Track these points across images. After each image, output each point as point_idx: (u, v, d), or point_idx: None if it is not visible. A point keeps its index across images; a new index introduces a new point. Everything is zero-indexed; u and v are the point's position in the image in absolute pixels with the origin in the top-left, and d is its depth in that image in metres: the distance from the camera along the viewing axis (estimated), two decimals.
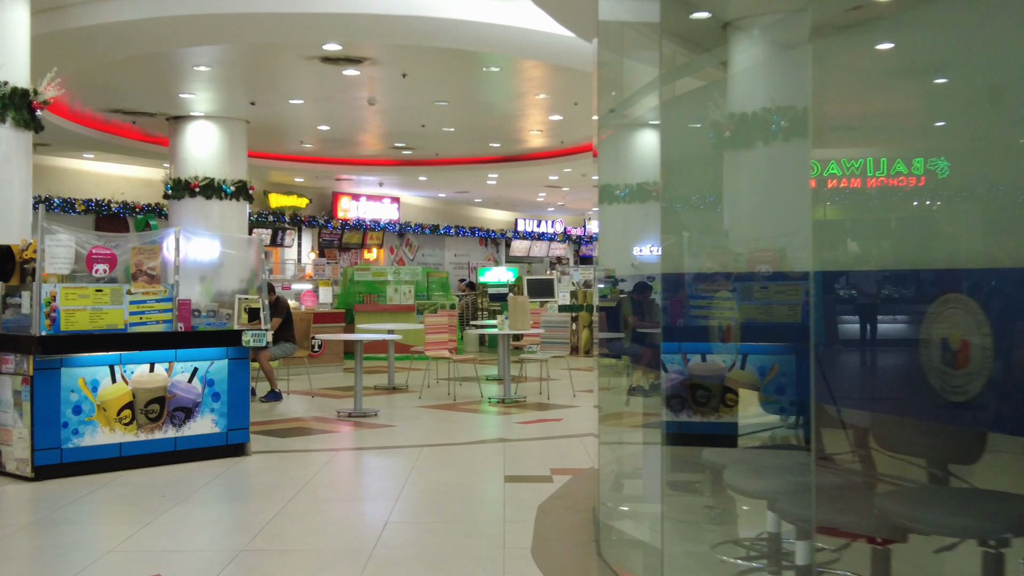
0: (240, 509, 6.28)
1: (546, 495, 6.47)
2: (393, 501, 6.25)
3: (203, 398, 7.56)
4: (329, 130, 17.01)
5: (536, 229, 34.14)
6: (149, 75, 12.56)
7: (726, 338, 3.71)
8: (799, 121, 3.69)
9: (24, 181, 8.52)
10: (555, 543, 5.37)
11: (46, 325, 6.80)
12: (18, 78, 8.44)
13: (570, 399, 11.51)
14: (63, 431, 6.91)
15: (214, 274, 9.17)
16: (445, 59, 11.56)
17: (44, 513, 6.03)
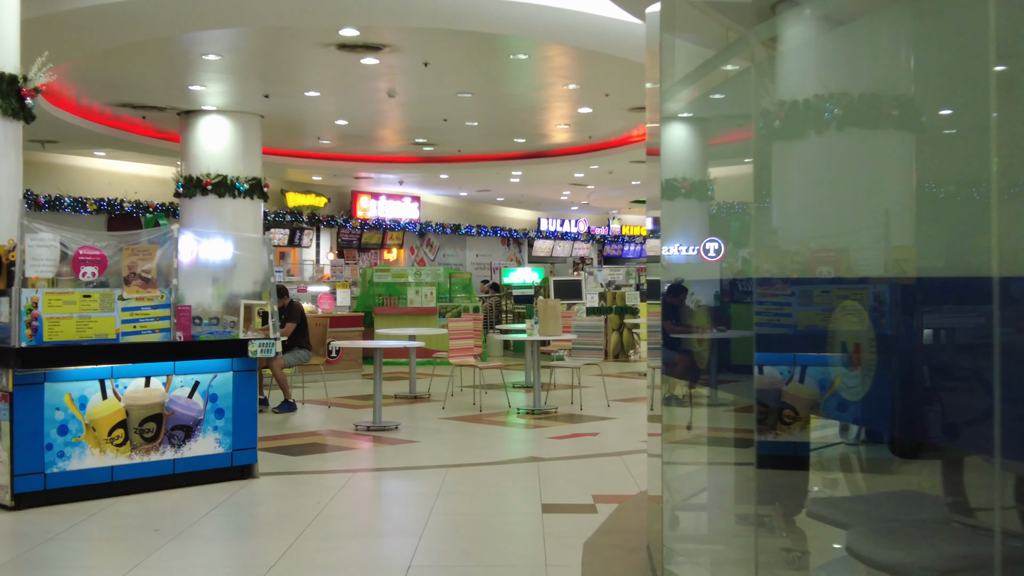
0: (241, 548, 5.48)
1: (590, 529, 5.65)
2: (416, 538, 5.44)
3: (205, 415, 6.78)
4: (347, 125, 16.24)
5: (559, 228, 33.31)
6: (157, 65, 11.82)
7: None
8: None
9: (13, 175, 7.76)
10: None
11: (27, 335, 6.03)
12: (5, 63, 7.68)
13: (605, 410, 10.69)
14: (47, 454, 6.14)
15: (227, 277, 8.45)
16: (469, 46, 10.76)
17: (20, 551, 5.28)
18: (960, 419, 2.45)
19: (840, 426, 4.02)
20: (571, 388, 12.11)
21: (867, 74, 3.22)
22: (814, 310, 3.31)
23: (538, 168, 21.05)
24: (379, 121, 16.13)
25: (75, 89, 13.49)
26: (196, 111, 14.44)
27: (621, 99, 13.82)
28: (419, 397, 11.76)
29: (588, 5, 8.91)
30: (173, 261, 6.78)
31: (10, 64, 7.72)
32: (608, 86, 12.93)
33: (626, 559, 5.08)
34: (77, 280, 6.37)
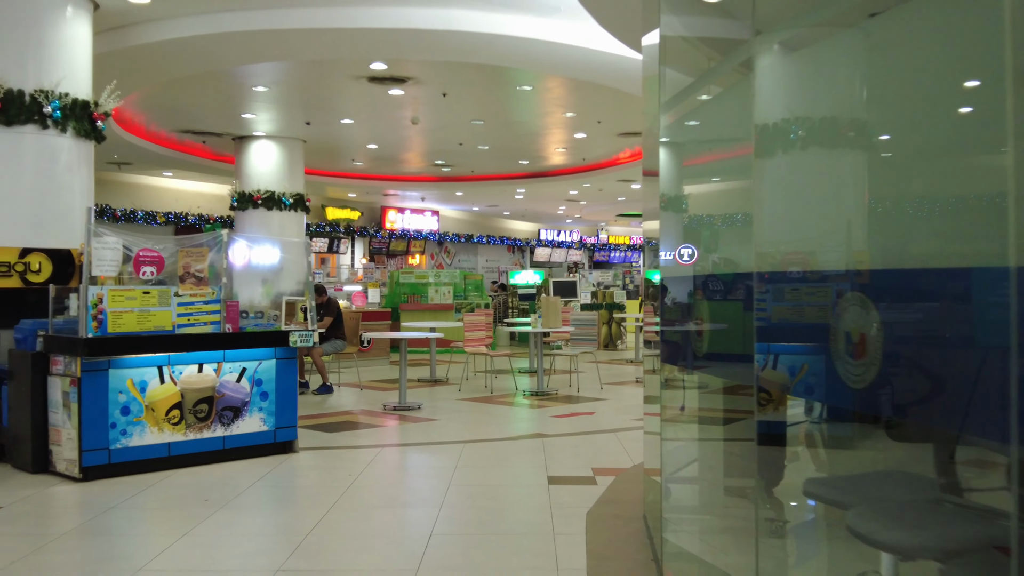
0: (282, 517, 5.12)
1: (592, 499, 5.29)
2: (437, 508, 5.09)
3: (251, 397, 6.43)
4: (377, 148, 15.91)
5: (556, 238, 32.91)
6: (214, 96, 11.50)
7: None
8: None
9: (85, 188, 7.42)
10: (612, 564, 4.18)
11: (93, 327, 5.68)
12: (79, 91, 7.34)
13: (598, 392, 10.34)
14: (111, 432, 5.79)
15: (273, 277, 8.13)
16: (481, 78, 10.41)
17: (84, 519, 4.92)
18: (901, 396, 2.41)
19: (806, 406, 3.71)
20: (569, 373, 11.76)
21: (827, 99, 2.99)
22: (803, 305, 2.99)
23: (539, 186, 20.72)
24: (404, 145, 15.79)
25: (145, 117, 13.17)
26: (248, 136, 14.14)
27: (611, 126, 13.48)
28: (439, 381, 11.41)
29: (585, 41, 8.55)
30: (223, 262, 6.44)
31: (83, 91, 7.40)
32: (600, 114, 12.58)
33: (625, 528, 4.72)
34: (138, 278, 6.03)
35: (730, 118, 3.89)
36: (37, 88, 7.06)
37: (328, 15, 7.95)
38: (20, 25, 7.11)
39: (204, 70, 9.42)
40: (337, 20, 7.96)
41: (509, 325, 15.05)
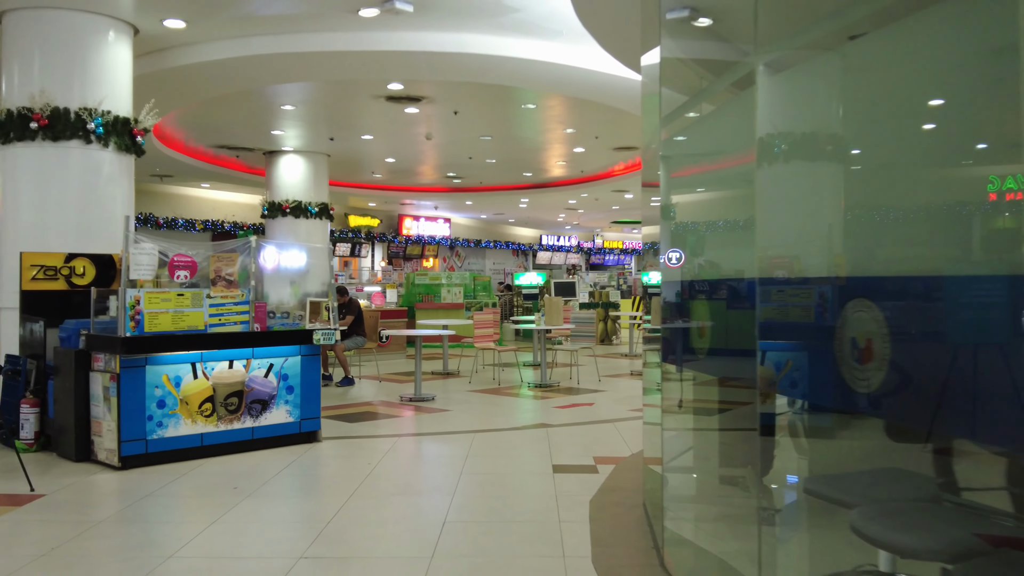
0: (305, 504, 4.90)
1: (594, 487, 5.10)
2: (450, 495, 4.89)
3: (278, 391, 6.24)
4: (394, 162, 15.71)
5: (556, 243, 32.69)
6: (247, 114, 11.31)
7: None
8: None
9: (126, 198, 7.24)
10: (615, 550, 3.97)
11: (130, 327, 5.50)
12: (120, 108, 7.17)
13: (596, 384, 10.13)
14: (148, 423, 5.61)
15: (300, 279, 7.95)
16: (490, 97, 10.21)
17: (122, 506, 4.73)
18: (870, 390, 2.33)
19: (789, 400, 3.53)
20: (570, 366, 11.55)
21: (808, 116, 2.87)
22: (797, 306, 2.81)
23: (541, 196, 20.51)
24: (419, 159, 15.59)
25: (184, 134, 12.99)
26: (277, 151, 13.96)
27: (607, 141, 13.26)
28: (451, 373, 11.21)
29: (585, 62, 8.34)
30: (252, 266, 6.25)
31: (124, 109, 7.23)
32: (597, 130, 12.37)
33: (626, 515, 4.52)
34: (173, 281, 5.84)
35: (726, 132, 3.69)
36: (81, 106, 6.89)
37: (350, 38, 7.76)
38: (66, 48, 6.94)
39: (236, 90, 9.23)
40: (358, 43, 7.76)
41: (514, 322, 14.84)
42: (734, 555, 3.73)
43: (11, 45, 6.97)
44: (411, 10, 6.99)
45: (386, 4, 6.92)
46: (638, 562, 3.82)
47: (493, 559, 3.82)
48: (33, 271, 6.52)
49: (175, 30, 7.64)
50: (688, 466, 4.59)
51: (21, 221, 6.85)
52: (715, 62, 4.36)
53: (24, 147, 6.83)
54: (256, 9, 7.21)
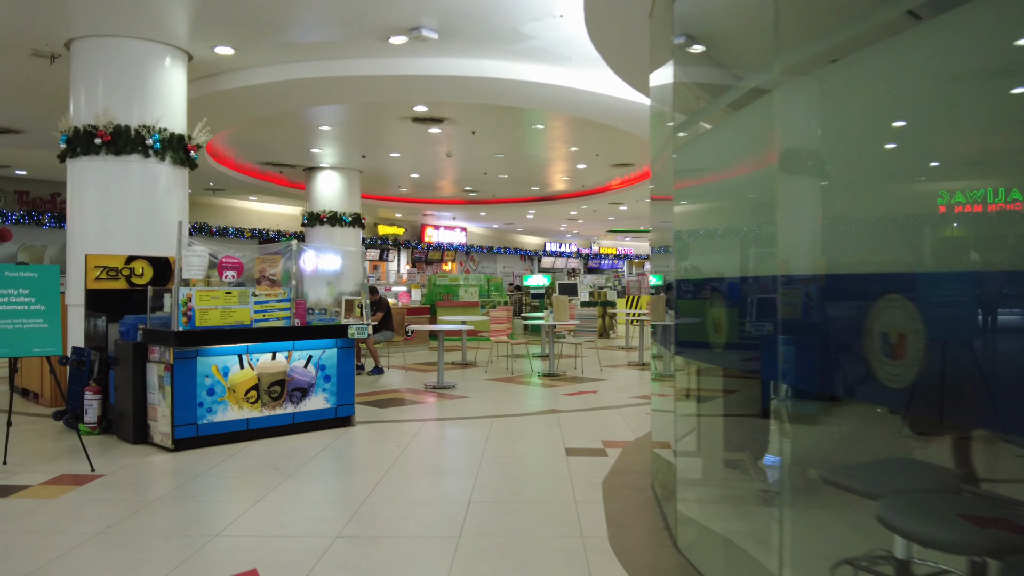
0: (341, 485, 4.62)
1: (604, 469, 4.81)
2: (473, 477, 4.62)
3: (316, 380, 5.98)
4: (418, 177, 15.45)
5: (558, 249, 32.37)
6: (288, 134, 11.07)
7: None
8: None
9: (180, 206, 7.00)
10: (629, 531, 3.69)
11: (183, 322, 5.24)
12: (175, 126, 6.93)
13: (598, 373, 9.83)
14: (199, 410, 5.35)
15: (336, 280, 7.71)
16: (504, 118, 9.94)
17: (173, 487, 4.47)
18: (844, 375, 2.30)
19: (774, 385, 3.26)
20: (574, 357, 11.28)
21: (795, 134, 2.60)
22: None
23: (546, 208, 20.21)
24: (440, 175, 15.33)
25: (234, 152, 12.76)
26: (315, 167, 13.71)
27: (607, 158, 12.97)
28: (468, 364, 10.93)
29: (591, 86, 8.06)
30: (293, 267, 5.99)
31: (178, 127, 6.98)
32: (598, 148, 12.08)
33: (636, 497, 4.23)
34: (221, 281, 5.58)
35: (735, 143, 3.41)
36: (141, 124, 6.65)
37: (380, 64, 7.49)
38: (127, 72, 6.70)
39: (279, 111, 8.98)
40: (387, 68, 7.49)
41: (524, 319, 14.56)
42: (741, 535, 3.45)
43: (78, 69, 6.73)
44: (436, 37, 6.72)
45: (413, 32, 6.65)
46: (652, 542, 3.54)
47: (516, 538, 3.54)
48: (97, 272, 6.27)
49: (225, 56, 7.39)
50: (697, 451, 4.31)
51: (87, 227, 6.62)
52: (713, 86, 4.09)
53: (89, 160, 6.60)
54: (297, 37, 6.96)
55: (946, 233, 2.00)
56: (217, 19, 6.45)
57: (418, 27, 6.56)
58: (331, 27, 6.66)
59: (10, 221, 14.90)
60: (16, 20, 6.40)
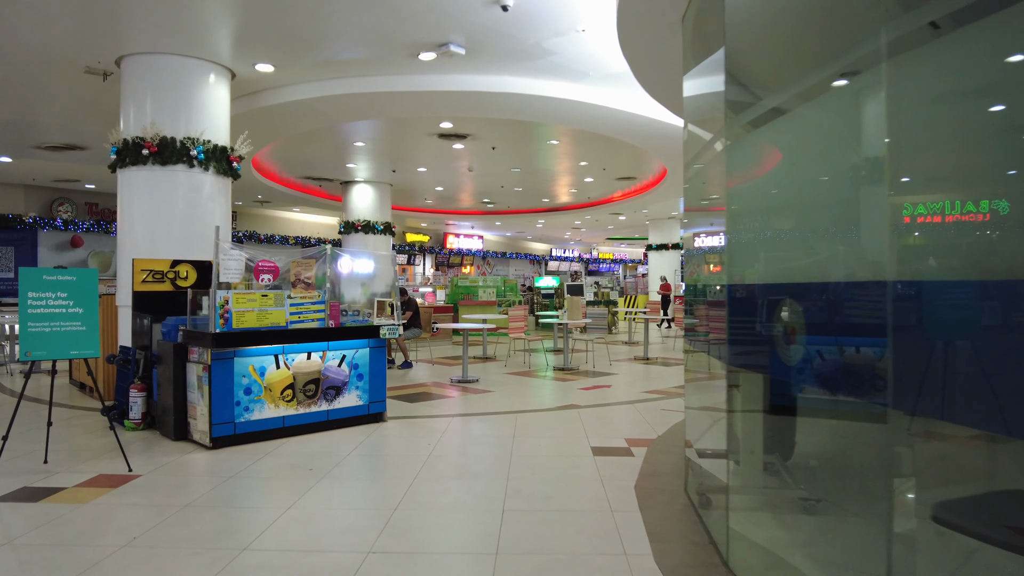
0: (373, 488, 3.92)
1: (633, 470, 4.15)
2: (504, 479, 3.97)
3: (349, 378, 5.34)
4: (442, 190, 14.81)
5: (563, 254, 31.69)
6: (327, 150, 10.46)
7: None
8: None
9: (224, 214, 6.39)
10: (674, 546, 3.02)
11: (220, 324, 4.62)
12: (219, 138, 6.31)
13: (608, 367, 9.15)
14: (236, 408, 4.72)
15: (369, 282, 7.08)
16: (521, 134, 9.29)
17: (207, 488, 3.84)
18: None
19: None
20: (585, 352, 10.60)
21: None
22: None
23: (554, 217, 19.55)
24: (461, 188, 14.69)
25: (278, 167, 12.17)
26: (351, 181, 13.10)
27: (612, 172, 12.28)
28: (489, 358, 10.28)
29: (606, 101, 7.39)
30: (327, 270, 5.36)
31: (222, 139, 6.36)
32: (605, 162, 11.39)
33: (672, 504, 3.56)
34: (258, 284, 4.96)
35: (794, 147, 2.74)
36: (186, 136, 6.04)
37: (410, 80, 6.85)
38: (174, 88, 6.09)
39: (316, 127, 8.35)
40: (417, 85, 6.86)
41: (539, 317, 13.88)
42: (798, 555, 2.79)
43: (128, 85, 6.13)
44: (463, 53, 6.07)
45: (441, 48, 6.00)
46: (700, 561, 2.87)
47: (557, 556, 2.89)
48: (143, 275, 5.66)
49: (265, 74, 6.77)
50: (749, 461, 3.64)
51: (135, 232, 6.02)
52: (737, 103, 3.44)
53: (137, 170, 5.99)
54: (332, 55, 6.33)
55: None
56: (257, 38, 5.83)
57: (447, 43, 5.91)
58: (365, 44, 6.03)
59: (81, 229, 14.39)
60: (71, 38, 5.81)
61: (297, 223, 18.99)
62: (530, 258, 29.56)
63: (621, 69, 6.61)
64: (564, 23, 5.53)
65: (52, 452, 4.46)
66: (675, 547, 3.00)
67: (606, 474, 4.06)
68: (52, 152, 10.29)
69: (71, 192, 14.44)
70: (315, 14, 5.39)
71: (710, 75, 3.13)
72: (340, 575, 2.70)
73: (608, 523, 3.25)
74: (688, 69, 3.67)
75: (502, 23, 5.51)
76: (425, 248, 23.18)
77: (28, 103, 7.72)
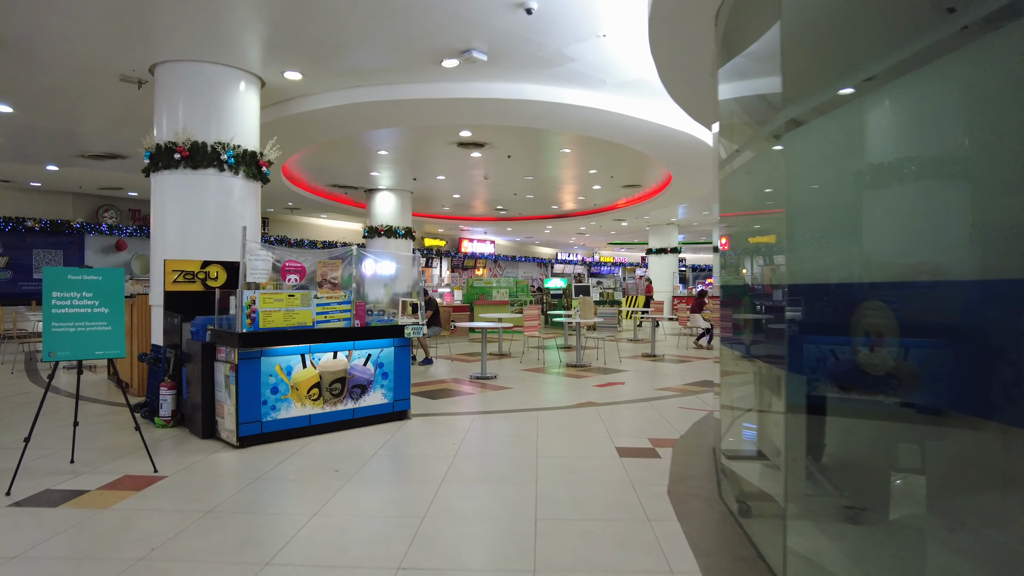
0: (400, 493, 3.47)
1: (663, 473, 3.69)
2: (532, 483, 3.52)
3: (375, 377, 4.91)
4: (459, 198, 14.38)
5: (567, 258, 31.18)
6: (352, 159, 10.04)
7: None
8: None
9: (253, 217, 5.98)
10: (720, 562, 2.56)
11: (247, 324, 4.19)
12: (248, 144, 5.91)
13: (618, 364, 8.68)
14: (263, 407, 4.30)
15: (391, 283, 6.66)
16: (536, 143, 8.85)
17: (231, 492, 3.41)
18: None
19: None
20: (595, 349, 10.13)
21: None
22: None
23: (561, 223, 19.05)
24: (476, 195, 14.24)
25: (307, 175, 11.77)
26: (374, 189, 12.69)
27: (620, 179, 11.81)
28: (504, 354, 9.83)
29: (622, 108, 6.94)
30: (354, 271, 4.94)
31: (251, 144, 5.94)
32: (613, 170, 10.92)
33: (709, 512, 3.10)
34: (285, 284, 4.53)
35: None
36: (217, 141, 5.63)
37: (433, 88, 6.43)
38: (206, 95, 5.69)
39: (342, 135, 7.94)
40: (438, 92, 6.43)
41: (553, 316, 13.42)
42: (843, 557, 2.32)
43: (161, 92, 5.74)
44: (486, 59, 5.63)
45: (464, 54, 5.57)
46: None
47: (601, 575, 2.43)
48: (174, 275, 5.26)
49: (293, 81, 6.36)
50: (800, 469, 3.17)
51: (167, 234, 5.62)
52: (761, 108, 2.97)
53: (170, 174, 5.60)
54: (358, 63, 5.91)
55: None
56: (286, 45, 5.42)
57: (469, 49, 5.48)
58: (389, 51, 5.60)
59: (125, 234, 14.07)
60: (106, 47, 5.42)
61: (324, 228, 18.63)
62: (537, 261, 29.10)
63: (637, 76, 6.16)
64: (585, 28, 5.09)
65: (81, 451, 4.06)
66: (722, 562, 2.54)
67: (635, 477, 3.61)
68: (95, 160, 9.94)
69: (116, 199, 14.13)
70: (342, 22, 4.97)
71: (756, 64, 2.68)
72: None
73: (647, 534, 2.80)
74: (723, 63, 3.21)
75: (524, 28, 5.07)
76: (442, 252, 22.80)
77: (69, 113, 7.36)
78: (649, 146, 8.32)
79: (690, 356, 9.65)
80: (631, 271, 33.75)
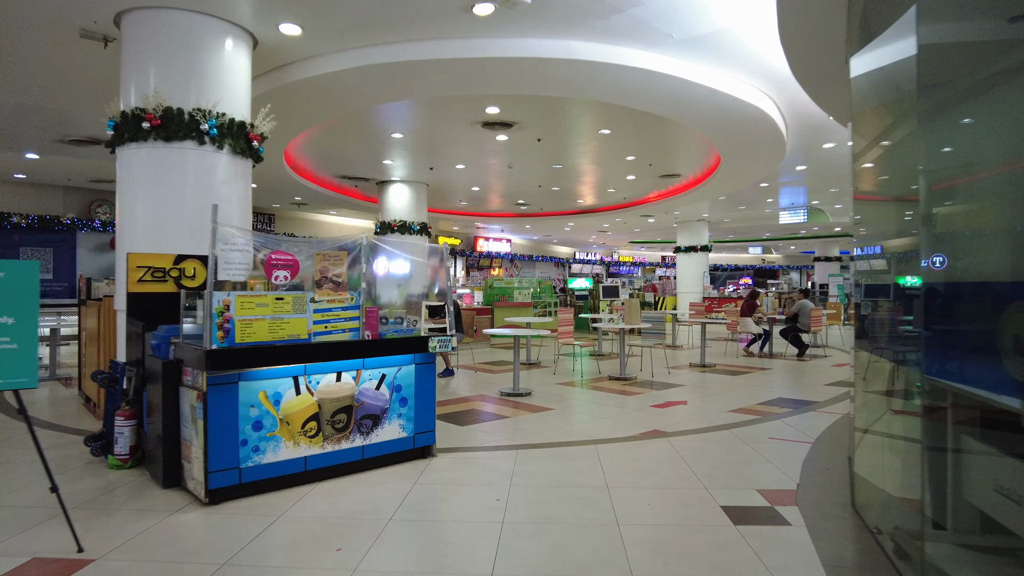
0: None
1: (806, 553, 2.52)
2: (625, 574, 2.37)
3: (391, 404, 3.79)
4: (478, 191, 13.26)
5: (585, 257, 29.96)
6: (363, 143, 8.97)
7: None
8: None
9: (242, 201, 4.89)
10: None
11: (218, 337, 3.08)
12: (237, 113, 4.82)
13: (667, 376, 7.52)
14: (242, 449, 3.19)
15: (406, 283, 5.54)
16: (570, 123, 7.71)
17: None
18: None
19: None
20: (637, 357, 8.95)
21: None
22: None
23: (583, 220, 17.83)
24: (497, 187, 13.10)
25: (313, 164, 10.72)
26: (387, 181, 11.63)
27: (658, 168, 10.60)
28: (534, 364, 8.69)
29: (686, 73, 5.77)
30: (363, 267, 3.82)
31: (240, 113, 4.85)
32: (655, 157, 9.73)
33: None
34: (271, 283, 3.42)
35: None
36: (196, 107, 4.55)
37: (458, 46, 5.31)
38: (183, 51, 4.60)
39: (351, 110, 6.82)
40: (466, 50, 5.31)
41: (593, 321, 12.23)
42: None
43: (128, 47, 4.66)
44: (530, 1, 4.49)
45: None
46: None
47: None
48: (140, 272, 4.18)
49: (291, 37, 5.27)
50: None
51: (136, 222, 4.53)
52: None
53: (137, 148, 4.52)
54: (369, 11, 4.81)
55: None
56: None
57: None
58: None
59: None
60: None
61: (334, 226, 17.63)
62: (555, 261, 27.93)
63: (711, 28, 4.99)
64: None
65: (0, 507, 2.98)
66: None
67: (772, 563, 2.45)
68: (77, 146, 8.96)
69: (109, 193, 13.19)
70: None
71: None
72: None
73: None
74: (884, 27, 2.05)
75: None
76: (456, 251, 21.74)
77: (31, 83, 6.33)
78: (707, 123, 7.14)
79: (744, 366, 8.44)
80: (650, 271, 32.49)
